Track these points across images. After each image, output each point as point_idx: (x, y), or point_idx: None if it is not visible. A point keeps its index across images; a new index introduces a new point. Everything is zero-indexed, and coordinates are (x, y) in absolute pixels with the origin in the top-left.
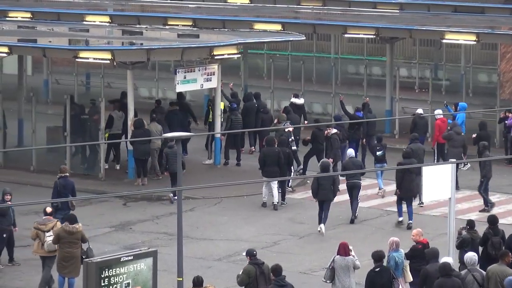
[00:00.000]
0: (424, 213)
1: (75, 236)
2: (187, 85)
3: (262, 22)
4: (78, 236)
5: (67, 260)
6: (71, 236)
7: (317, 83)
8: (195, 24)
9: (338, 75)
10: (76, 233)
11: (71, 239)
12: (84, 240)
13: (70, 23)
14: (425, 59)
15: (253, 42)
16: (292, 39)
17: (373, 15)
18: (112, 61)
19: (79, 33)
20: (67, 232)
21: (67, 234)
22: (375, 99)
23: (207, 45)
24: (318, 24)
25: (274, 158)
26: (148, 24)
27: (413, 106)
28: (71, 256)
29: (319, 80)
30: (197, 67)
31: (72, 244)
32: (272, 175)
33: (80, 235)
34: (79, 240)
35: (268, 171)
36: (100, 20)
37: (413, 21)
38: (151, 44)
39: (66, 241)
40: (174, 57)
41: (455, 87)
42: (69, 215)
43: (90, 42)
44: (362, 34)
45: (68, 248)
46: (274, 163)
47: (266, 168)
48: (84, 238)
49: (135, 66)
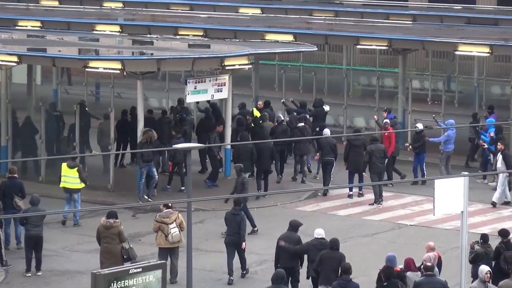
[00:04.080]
0: (437, 227)
1: (112, 231)
2: (197, 95)
3: (273, 32)
4: (115, 232)
5: (106, 255)
6: (108, 231)
7: (329, 95)
8: (206, 34)
9: (350, 87)
10: (113, 228)
11: (108, 234)
12: (122, 238)
13: (80, 32)
14: (438, 71)
15: (265, 53)
16: (304, 49)
17: (386, 26)
18: (122, 71)
19: (89, 42)
20: (104, 226)
21: (104, 228)
22: None
23: (218, 55)
24: (330, 35)
25: (247, 153)
26: (158, 33)
27: (426, 118)
28: (109, 252)
29: (330, 91)
30: (208, 77)
31: (109, 239)
32: (245, 169)
33: (117, 231)
34: (116, 236)
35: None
36: (110, 30)
37: (426, 32)
38: (162, 54)
39: (103, 235)
40: (184, 67)
41: (468, 100)
42: (110, 210)
43: (100, 52)
44: (374, 45)
45: (106, 243)
46: (247, 158)
47: (239, 162)
48: (122, 236)
49: (145, 76)
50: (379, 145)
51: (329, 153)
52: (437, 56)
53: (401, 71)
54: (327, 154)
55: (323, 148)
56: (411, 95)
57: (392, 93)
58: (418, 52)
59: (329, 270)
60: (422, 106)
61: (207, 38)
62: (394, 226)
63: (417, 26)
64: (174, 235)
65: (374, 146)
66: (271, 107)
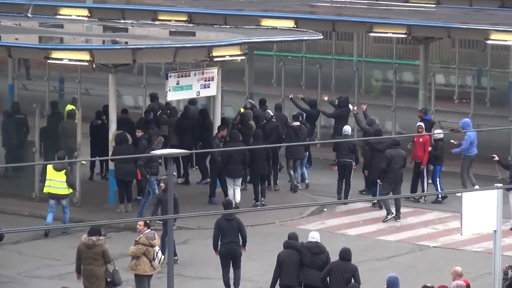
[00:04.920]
0: (465, 249)
1: (95, 250)
2: (180, 92)
3: (271, 17)
4: (98, 251)
5: (89, 279)
6: (90, 251)
7: (337, 91)
8: (191, 20)
9: (362, 82)
10: (96, 247)
11: (91, 253)
12: (107, 258)
13: (41, 17)
14: (466, 64)
15: (260, 42)
16: (307, 38)
17: (405, 10)
18: (90, 63)
19: (52, 29)
20: (85, 245)
21: (85, 247)
22: (405, 110)
23: (204, 44)
24: (338, 20)
25: (239, 155)
26: (134, 19)
27: (452, 119)
28: (91, 275)
29: (338, 87)
30: (193, 71)
31: (91, 260)
32: (236, 174)
33: (100, 250)
34: (100, 256)
35: (231, 169)
36: (77, 14)
37: (452, 18)
38: (138, 43)
39: (85, 255)
40: (165, 58)
41: (502, 97)
42: (92, 226)
43: (65, 40)
44: (391, 33)
45: (87, 265)
46: (239, 161)
47: (229, 166)
48: (107, 256)
49: (119, 69)
50: (400, 151)
51: (348, 154)
52: (465, 46)
53: (422, 64)
54: (345, 155)
55: (340, 147)
56: (434, 92)
57: (412, 89)
58: (443, 41)
59: (340, 282)
60: (447, 105)
61: (192, 24)
62: (414, 248)
63: (441, 10)
64: (161, 259)
65: (395, 151)
66: (266, 106)
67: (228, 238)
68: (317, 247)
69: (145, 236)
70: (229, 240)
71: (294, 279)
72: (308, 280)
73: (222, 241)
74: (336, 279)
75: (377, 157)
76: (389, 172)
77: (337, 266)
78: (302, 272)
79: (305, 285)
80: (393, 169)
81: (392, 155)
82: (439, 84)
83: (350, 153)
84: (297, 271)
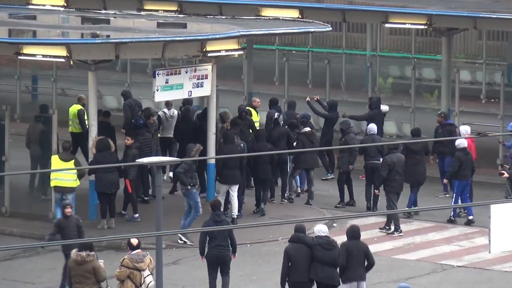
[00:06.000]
0: (493, 268)
1: (85, 267)
2: (170, 92)
3: (272, 6)
4: (88, 268)
5: None
6: (80, 268)
7: (347, 90)
8: (182, 9)
9: (376, 79)
10: (86, 264)
11: (80, 271)
12: (99, 276)
13: (11, 7)
14: (495, 58)
15: (261, 34)
16: (314, 30)
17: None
18: (67, 59)
19: (23, 21)
20: (75, 261)
21: (75, 264)
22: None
23: (197, 38)
24: (349, 9)
25: (235, 158)
26: (117, 9)
27: (478, 121)
28: None
29: (350, 85)
30: (184, 67)
31: (81, 278)
32: (232, 180)
33: (91, 267)
34: (91, 274)
35: (226, 175)
36: (51, 4)
37: (479, 6)
38: (121, 36)
39: (75, 273)
40: (152, 54)
41: None
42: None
43: (38, 34)
44: (409, 23)
45: (77, 283)
46: (235, 166)
47: (225, 171)
48: (99, 273)
49: (99, 66)
50: (400, 156)
51: (376, 155)
52: (494, 39)
53: (444, 59)
54: (373, 156)
55: (367, 147)
56: (458, 90)
57: (433, 87)
58: (468, 32)
59: (357, 263)
60: (473, 105)
61: (183, 15)
62: (436, 268)
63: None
64: (150, 285)
65: (395, 156)
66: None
67: (216, 241)
68: (329, 243)
69: (129, 257)
70: (217, 243)
71: (305, 276)
72: (319, 278)
73: (209, 244)
74: (352, 259)
75: (413, 159)
76: (391, 180)
77: (350, 246)
78: (313, 268)
79: (317, 282)
80: (395, 178)
81: (393, 161)
82: (464, 82)
83: (379, 154)
84: (308, 267)
